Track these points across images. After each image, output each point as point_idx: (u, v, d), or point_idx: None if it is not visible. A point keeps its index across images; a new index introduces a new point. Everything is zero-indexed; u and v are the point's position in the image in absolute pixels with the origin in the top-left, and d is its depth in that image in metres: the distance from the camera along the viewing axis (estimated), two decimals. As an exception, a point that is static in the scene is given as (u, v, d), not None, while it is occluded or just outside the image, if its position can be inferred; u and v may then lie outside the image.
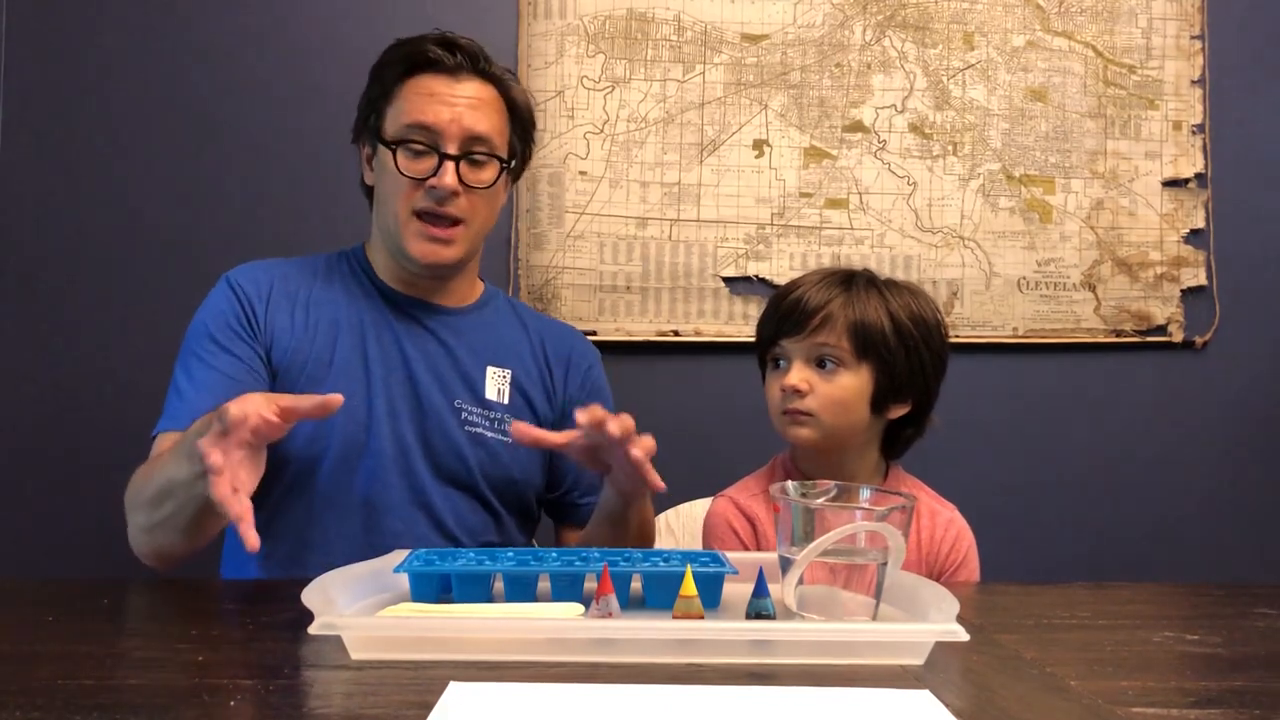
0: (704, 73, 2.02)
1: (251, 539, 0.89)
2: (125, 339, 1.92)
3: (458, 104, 1.29)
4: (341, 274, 1.38)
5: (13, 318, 1.94)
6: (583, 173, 2.00)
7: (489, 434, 1.34)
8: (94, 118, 1.95)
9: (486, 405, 1.35)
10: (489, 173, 1.32)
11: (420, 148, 1.28)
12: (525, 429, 1.12)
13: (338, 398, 0.96)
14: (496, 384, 1.36)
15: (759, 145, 2.03)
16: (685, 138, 2.02)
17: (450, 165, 1.28)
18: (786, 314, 1.26)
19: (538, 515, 1.45)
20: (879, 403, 1.25)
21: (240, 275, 1.34)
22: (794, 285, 1.29)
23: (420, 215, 1.29)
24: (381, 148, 1.31)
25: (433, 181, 1.27)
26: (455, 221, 1.30)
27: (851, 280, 1.28)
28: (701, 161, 2.02)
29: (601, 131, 2.00)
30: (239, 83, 1.96)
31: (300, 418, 1.00)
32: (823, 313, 1.23)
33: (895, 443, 1.32)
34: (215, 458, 0.91)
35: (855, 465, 1.29)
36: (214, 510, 0.94)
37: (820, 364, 1.24)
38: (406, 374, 1.32)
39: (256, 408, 0.95)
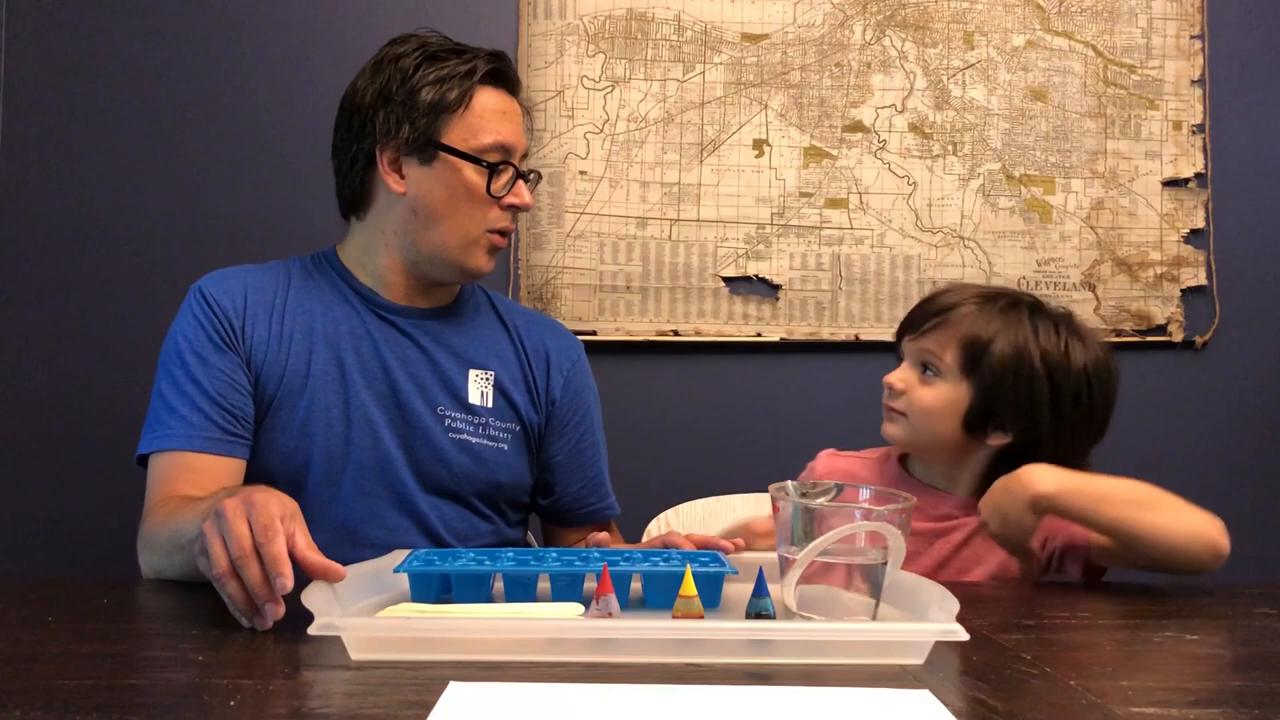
0: (704, 73, 2.02)
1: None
2: (127, 339, 1.92)
3: (518, 121, 1.32)
4: (316, 280, 1.35)
5: (14, 317, 1.94)
6: (583, 172, 2.00)
7: (474, 439, 1.32)
8: (95, 117, 1.95)
9: (471, 410, 1.33)
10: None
11: (501, 166, 1.28)
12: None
13: (341, 571, 0.89)
14: (479, 387, 1.34)
15: (759, 145, 2.03)
16: (685, 138, 2.02)
17: (522, 183, 1.31)
18: (915, 312, 1.25)
19: (527, 502, 1.43)
20: (974, 423, 1.19)
21: (212, 286, 1.30)
22: (944, 288, 1.27)
23: (491, 231, 1.30)
24: (452, 159, 1.27)
25: (520, 202, 1.30)
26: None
27: (995, 297, 1.23)
28: (701, 161, 2.02)
29: (601, 131, 2.00)
30: (239, 83, 1.97)
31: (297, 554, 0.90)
32: (941, 318, 1.20)
33: (996, 474, 1.17)
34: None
35: (953, 478, 1.25)
36: None
37: (923, 367, 1.22)
38: (387, 383, 1.30)
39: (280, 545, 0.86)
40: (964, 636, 0.77)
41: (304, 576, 0.86)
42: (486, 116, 1.28)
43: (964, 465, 1.24)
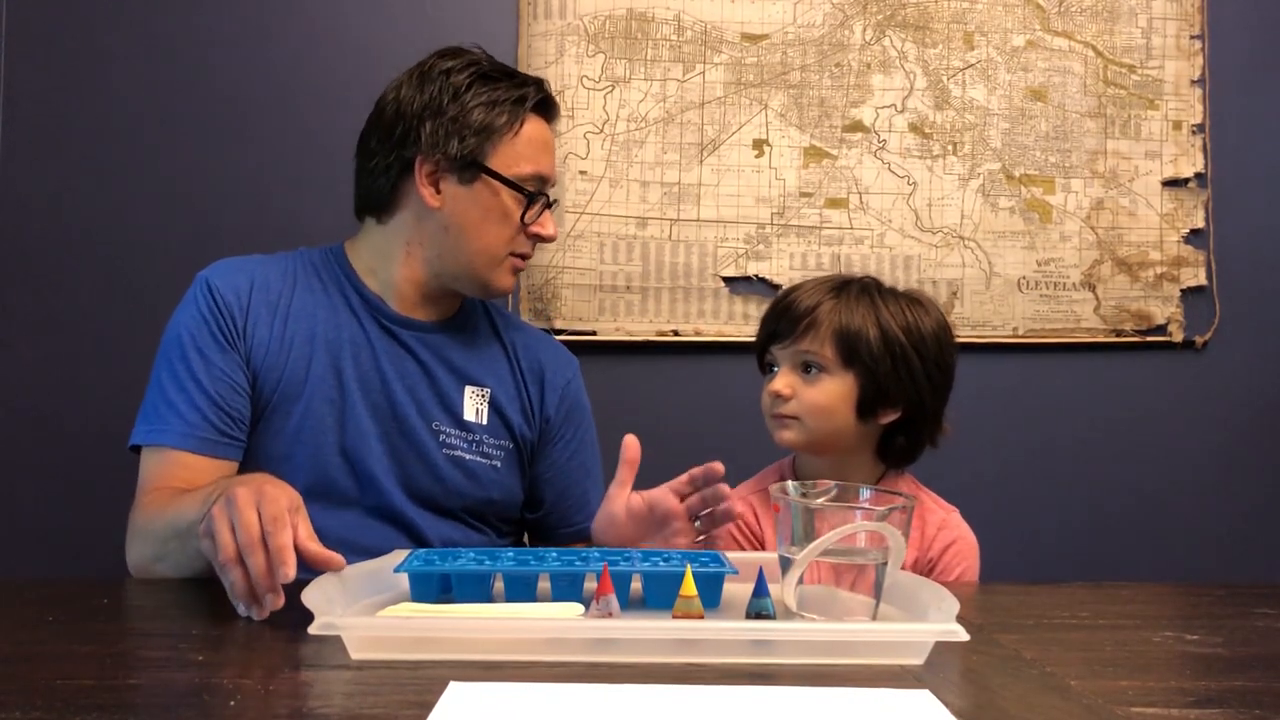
0: (704, 73, 2.02)
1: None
2: (127, 338, 1.91)
3: (553, 151, 1.36)
4: (322, 281, 1.34)
5: (13, 316, 1.94)
6: (583, 172, 2.00)
7: (468, 456, 1.33)
8: (95, 117, 1.95)
9: (465, 427, 1.33)
10: None
11: (537, 196, 1.31)
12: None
13: (341, 561, 0.91)
14: (475, 404, 1.35)
15: (759, 145, 2.03)
16: (685, 138, 2.02)
17: (549, 214, 1.33)
18: (777, 319, 1.30)
19: (518, 518, 1.44)
20: (865, 409, 1.26)
21: (218, 279, 1.29)
22: (790, 290, 1.32)
23: (513, 254, 1.33)
24: (492, 182, 1.29)
25: (545, 232, 1.33)
26: None
27: (845, 287, 1.29)
28: (701, 161, 2.02)
29: (601, 131, 2.00)
30: (241, 82, 1.96)
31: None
32: (808, 319, 1.26)
33: (890, 448, 1.31)
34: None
35: (850, 469, 1.29)
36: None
37: (805, 369, 1.27)
38: (385, 395, 1.30)
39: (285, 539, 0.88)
40: (964, 636, 0.77)
41: (304, 576, 0.86)
42: (531, 145, 1.31)
43: (857, 450, 1.30)
